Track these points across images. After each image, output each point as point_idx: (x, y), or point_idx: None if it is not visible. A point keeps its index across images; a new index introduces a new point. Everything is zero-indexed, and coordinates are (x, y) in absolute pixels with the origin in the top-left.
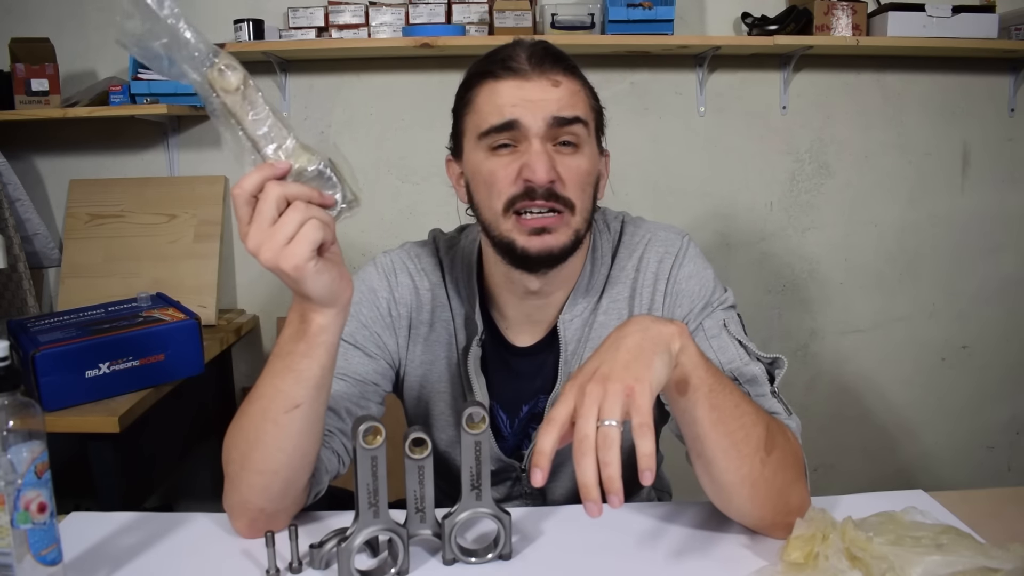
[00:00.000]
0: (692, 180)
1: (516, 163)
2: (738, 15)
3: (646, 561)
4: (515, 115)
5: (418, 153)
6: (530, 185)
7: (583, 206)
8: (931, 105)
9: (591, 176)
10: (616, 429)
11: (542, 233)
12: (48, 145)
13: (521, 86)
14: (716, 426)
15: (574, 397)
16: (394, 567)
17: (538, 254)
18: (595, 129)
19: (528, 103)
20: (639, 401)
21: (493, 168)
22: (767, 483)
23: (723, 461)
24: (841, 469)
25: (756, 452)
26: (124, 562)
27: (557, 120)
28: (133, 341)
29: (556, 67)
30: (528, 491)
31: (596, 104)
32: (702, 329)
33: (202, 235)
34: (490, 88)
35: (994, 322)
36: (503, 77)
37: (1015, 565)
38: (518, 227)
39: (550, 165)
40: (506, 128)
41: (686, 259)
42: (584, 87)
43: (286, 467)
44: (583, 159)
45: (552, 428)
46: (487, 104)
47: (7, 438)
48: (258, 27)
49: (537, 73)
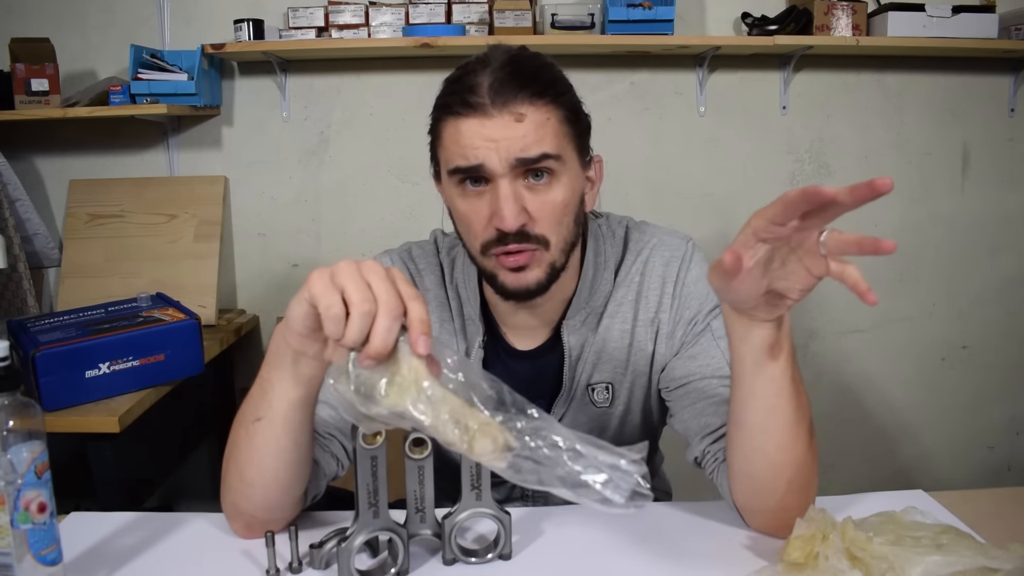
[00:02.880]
0: (692, 180)
1: (487, 207)
2: (738, 15)
3: (646, 561)
4: (479, 159)
5: (418, 153)
6: (501, 232)
7: (559, 238)
8: (931, 105)
9: (568, 206)
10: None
11: (519, 271)
12: (48, 145)
13: (483, 124)
14: (791, 399)
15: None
16: (394, 567)
17: (515, 291)
18: (575, 148)
19: (491, 143)
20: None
21: (466, 211)
22: (808, 470)
23: (783, 437)
24: (841, 469)
25: (809, 436)
26: (124, 562)
27: (521, 161)
28: (133, 341)
29: (519, 96)
30: (528, 491)
31: (573, 122)
32: (710, 329)
33: (202, 235)
34: (453, 126)
35: (994, 322)
36: (464, 115)
37: (1015, 565)
38: (498, 264)
39: (518, 209)
40: (472, 170)
41: (692, 263)
42: (556, 109)
43: (260, 481)
44: (558, 190)
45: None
46: (452, 144)
47: (7, 438)
48: (258, 27)
49: (498, 107)
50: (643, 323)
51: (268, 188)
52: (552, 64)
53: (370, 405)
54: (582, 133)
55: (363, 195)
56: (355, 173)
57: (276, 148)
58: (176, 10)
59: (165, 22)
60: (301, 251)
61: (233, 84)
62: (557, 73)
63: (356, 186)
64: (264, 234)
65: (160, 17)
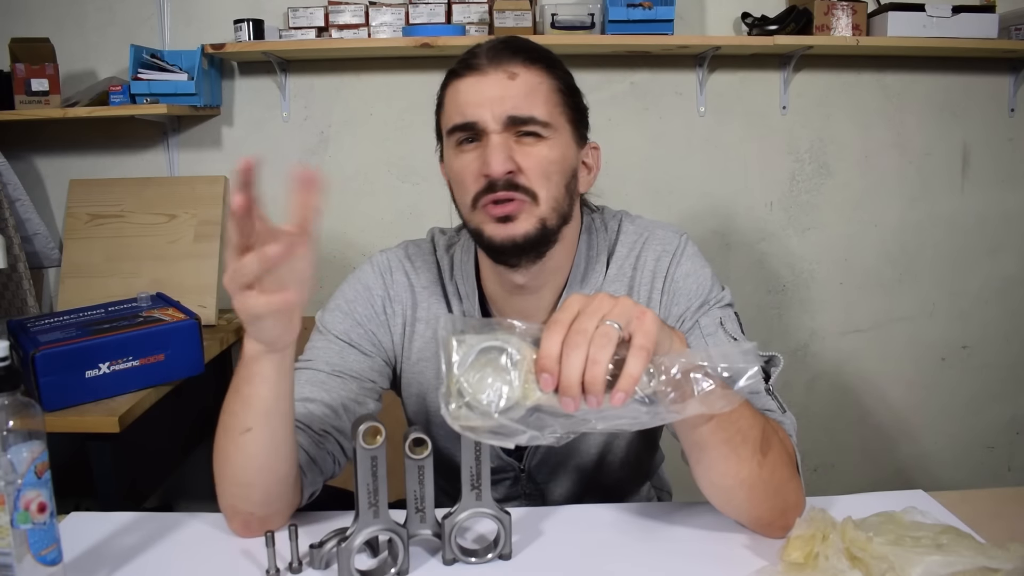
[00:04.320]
0: (692, 180)
1: (478, 160)
2: (738, 15)
3: (646, 561)
4: (473, 115)
5: (418, 153)
6: (489, 179)
7: (549, 195)
8: (931, 105)
9: (559, 165)
10: (616, 330)
11: (506, 221)
12: (48, 145)
13: (479, 81)
14: (715, 432)
15: (579, 305)
16: (394, 567)
17: (502, 242)
18: (568, 122)
19: (485, 100)
20: (648, 326)
21: (459, 166)
22: (764, 484)
23: (722, 465)
24: (841, 469)
25: (753, 455)
26: (124, 562)
27: (512, 119)
28: (133, 341)
29: (514, 59)
30: (528, 491)
31: (567, 94)
32: (698, 327)
33: (202, 235)
34: (454, 88)
35: (994, 322)
36: (463, 75)
37: (1015, 565)
38: (485, 216)
39: (506, 156)
40: (467, 127)
41: (683, 257)
42: (548, 78)
43: (258, 481)
44: (547, 148)
45: (558, 328)
46: (450, 104)
47: (7, 438)
48: (258, 27)
49: (493, 67)
50: None
51: (268, 188)
52: (550, 51)
53: (510, 411)
54: (577, 110)
55: (363, 195)
56: (355, 173)
57: (276, 148)
58: (176, 10)
59: (165, 22)
60: None
61: (233, 84)
62: (553, 55)
63: (356, 186)
64: None
65: (160, 17)
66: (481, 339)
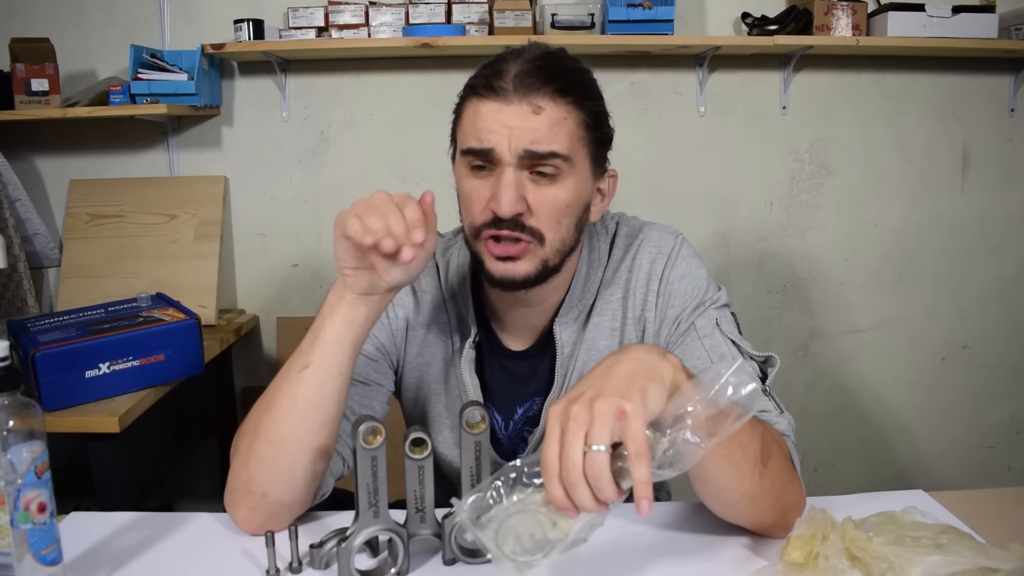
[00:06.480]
0: (692, 180)
1: (488, 190)
2: (738, 15)
3: (646, 561)
4: (491, 143)
5: (418, 153)
6: (496, 216)
7: (555, 237)
8: (931, 105)
9: (569, 208)
10: (604, 455)
11: (507, 261)
12: (48, 145)
13: (501, 109)
14: (715, 451)
15: (560, 422)
16: (394, 567)
17: (501, 280)
18: (588, 156)
19: (505, 130)
20: (633, 427)
21: (469, 190)
22: (765, 493)
23: (723, 481)
24: (841, 469)
25: (755, 468)
26: (124, 562)
27: (529, 153)
28: (133, 341)
29: (542, 90)
30: None
31: (593, 128)
32: (695, 328)
33: (202, 235)
34: (474, 106)
35: (994, 322)
36: (486, 97)
37: (1015, 565)
38: (487, 250)
39: (517, 197)
40: (482, 153)
41: (678, 259)
42: (576, 112)
43: (294, 437)
44: (560, 190)
45: (551, 471)
46: (469, 124)
47: (7, 438)
48: (258, 27)
49: (519, 96)
50: (631, 321)
51: (268, 188)
52: (586, 70)
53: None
54: (601, 143)
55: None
56: (355, 173)
57: (276, 148)
58: (176, 10)
59: (165, 22)
60: (301, 251)
61: (233, 84)
62: (588, 79)
63: (356, 186)
64: (264, 234)
65: (160, 17)
66: (498, 514)
